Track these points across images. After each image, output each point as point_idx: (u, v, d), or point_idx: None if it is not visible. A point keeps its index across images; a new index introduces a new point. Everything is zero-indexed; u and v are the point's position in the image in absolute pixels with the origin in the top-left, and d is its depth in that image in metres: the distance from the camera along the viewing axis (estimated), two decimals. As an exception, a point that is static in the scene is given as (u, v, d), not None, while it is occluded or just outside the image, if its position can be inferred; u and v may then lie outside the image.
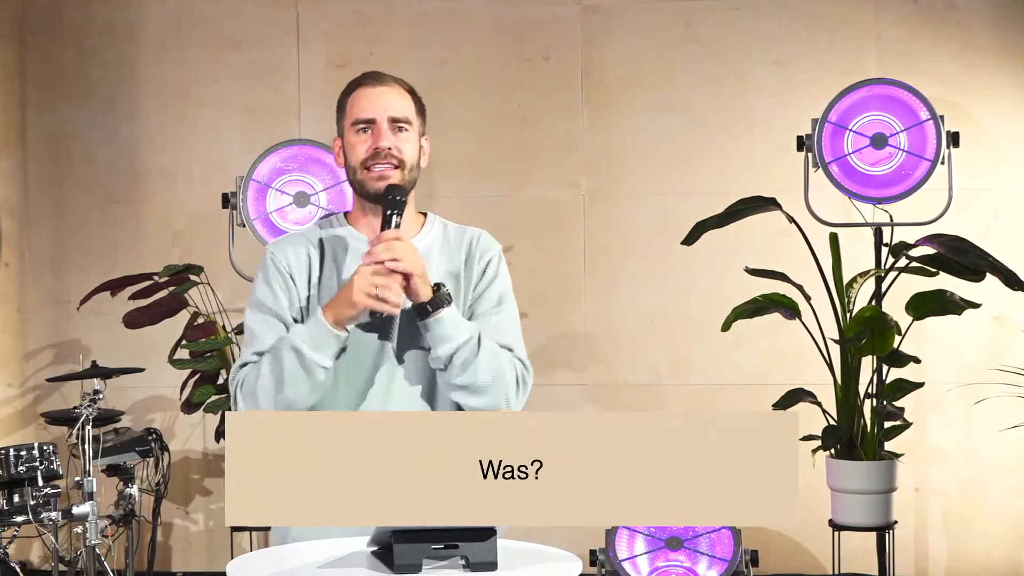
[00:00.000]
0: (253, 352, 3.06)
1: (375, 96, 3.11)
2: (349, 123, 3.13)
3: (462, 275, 3.16)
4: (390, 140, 3.07)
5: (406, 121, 3.11)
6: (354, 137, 3.11)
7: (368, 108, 3.10)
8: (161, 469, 5.93)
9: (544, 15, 6.43)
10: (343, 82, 3.30)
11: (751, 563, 5.55)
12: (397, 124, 3.10)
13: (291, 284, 3.10)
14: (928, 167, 5.51)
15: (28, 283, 6.66)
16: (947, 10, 6.22)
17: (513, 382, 3.09)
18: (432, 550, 2.62)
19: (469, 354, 3.01)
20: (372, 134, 3.09)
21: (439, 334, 3.00)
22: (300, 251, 3.14)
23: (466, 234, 3.21)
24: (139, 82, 6.60)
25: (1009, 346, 6.09)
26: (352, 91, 3.17)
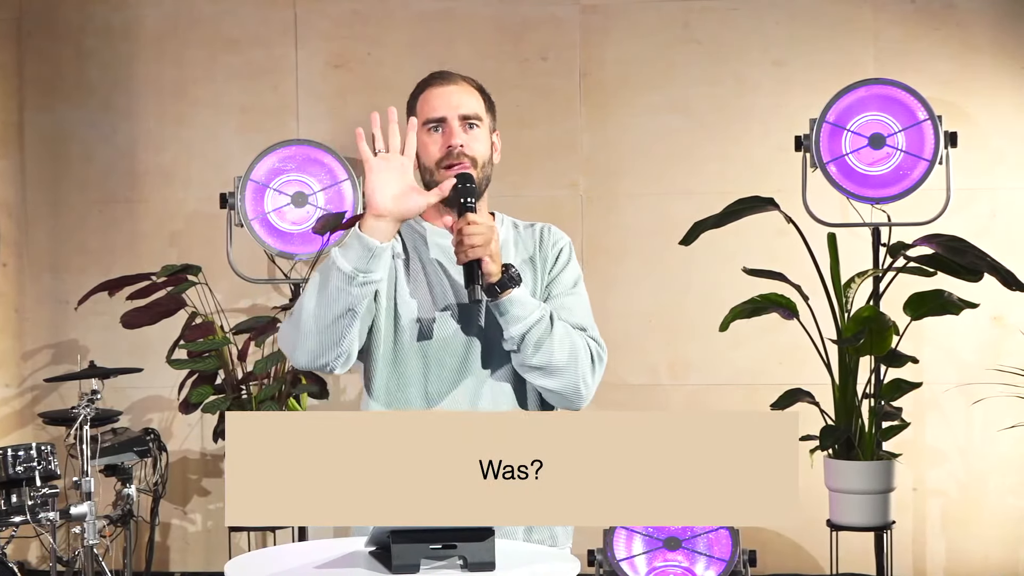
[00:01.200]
0: None
1: (445, 95, 3.09)
2: (420, 123, 3.07)
3: (537, 260, 3.16)
4: (462, 138, 3.05)
5: (476, 118, 3.09)
6: (426, 137, 3.07)
7: (439, 107, 3.08)
8: (159, 469, 5.93)
9: (542, 15, 6.43)
10: (341, 82, 3.31)
11: (749, 563, 5.55)
12: (468, 121, 3.08)
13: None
14: (926, 167, 5.51)
15: (26, 283, 6.66)
16: (945, 10, 6.23)
17: (588, 361, 3.07)
18: (430, 550, 2.62)
19: (542, 334, 2.97)
20: (444, 133, 3.06)
21: (511, 314, 2.95)
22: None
23: (535, 226, 3.24)
24: (137, 82, 6.60)
25: (1007, 346, 6.09)
26: (422, 91, 3.15)
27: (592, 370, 3.09)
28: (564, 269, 3.16)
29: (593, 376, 3.09)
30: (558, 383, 3.02)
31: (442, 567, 2.62)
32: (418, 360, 3.05)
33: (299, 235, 6.01)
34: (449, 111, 3.06)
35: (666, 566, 5.55)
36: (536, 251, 3.17)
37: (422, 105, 3.11)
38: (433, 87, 3.12)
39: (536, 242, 3.19)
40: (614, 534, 5.55)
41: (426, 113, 3.08)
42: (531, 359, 2.97)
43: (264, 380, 5.82)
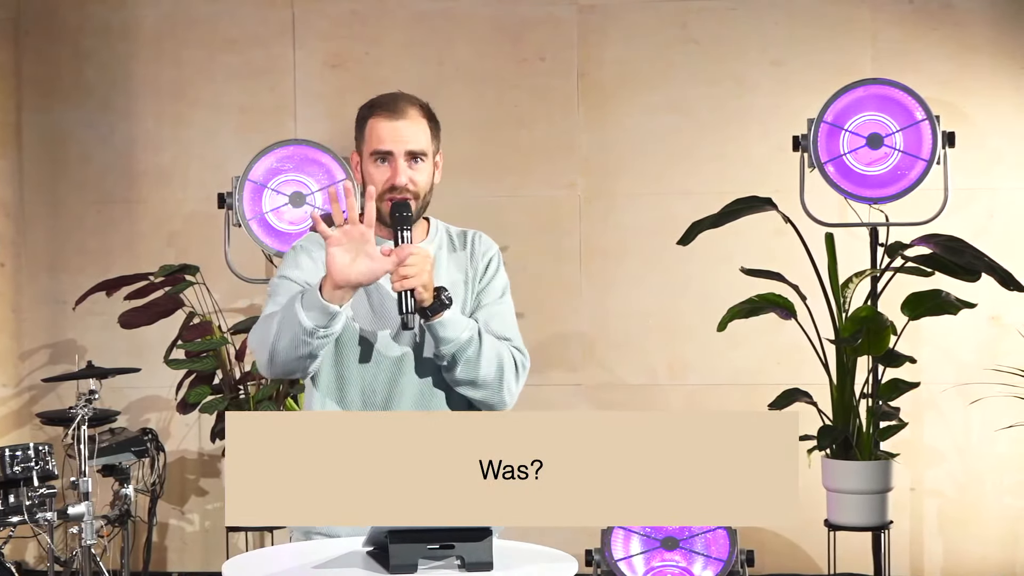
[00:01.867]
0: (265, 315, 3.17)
1: (393, 130, 3.20)
2: (368, 151, 3.23)
3: (468, 271, 3.32)
4: (406, 174, 3.20)
5: (422, 153, 3.23)
6: (372, 167, 3.22)
7: (386, 140, 3.20)
8: (157, 469, 5.92)
9: (540, 15, 6.43)
10: (339, 82, 3.34)
11: (746, 563, 5.55)
12: (414, 157, 3.22)
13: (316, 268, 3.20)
14: (924, 167, 5.51)
15: (24, 283, 6.65)
16: (943, 10, 6.23)
17: (512, 372, 3.23)
18: (428, 550, 2.62)
19: (471, 352, 3.15)
20: (390, 167, 3.20)
21: (442, 336, 3.13)
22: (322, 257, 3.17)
23: (467, 235, 3.38)
24: (135, 82, 6.60)
25: (1005, 346, 6.09)
26: (369, 117, 3.25)
27: (516, 379, 3.26)
28: (493, 279, 3.34)
29: (516, 385, 3.26)
30: (484, 394, 3.21)
31: (440, 567, 2.62)
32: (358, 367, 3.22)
33: (297, 235, 6.00)
34: (396, 146, 3.20)
35: (664, 566, 5.55)
36: (468, 262, 3.34)
37: (370, 134, 3.24)
38: (382, 119, 3.22)
39: (468, 254, 3.34)
40: (612, 534, 5.55)
41: (373, 144, 3.22)
42: (460, 375, 3.17)
43: (262, 380, 5.82)
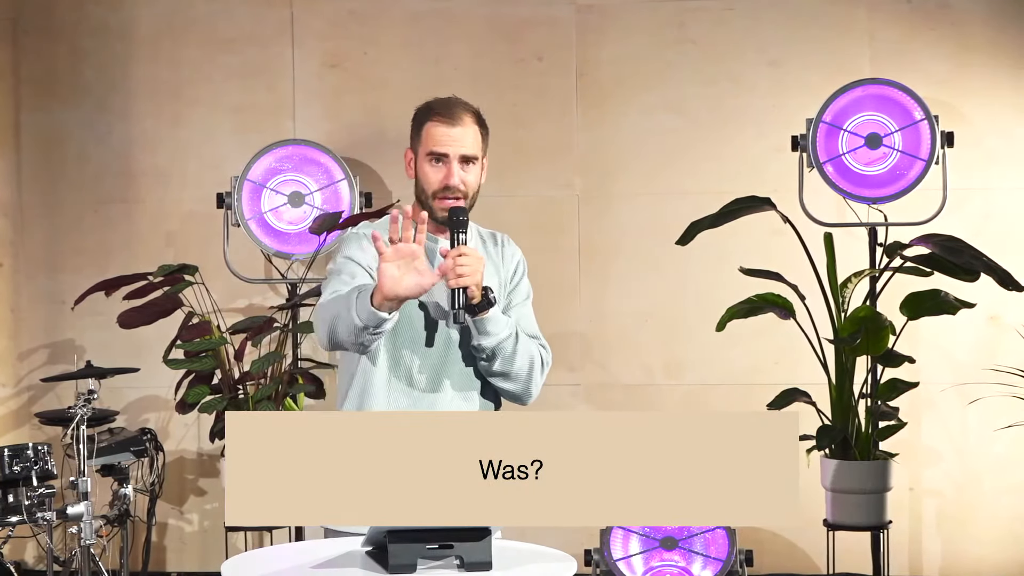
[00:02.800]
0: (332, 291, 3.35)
1: (449, 136, 3.43)
2: (424, 151, 3.46)
3: (500, 271, 3.59)
4: (459, 176, 3.43)
5: (474, 158, 3.47)
6: (428, 167, 3.45)
7: (442, 144, 3.43)
8: (156, 469, 5.92)
9: (538, 15, 6.43)
10: (337, 81, 3.36)
11: (745, 563, 5.55)
12: (467, 160, 3.45)
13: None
14: (922, 167, 5.51)
15: (22, 283, 6.65)
16: (941, 10, 6.23)
17: (539, 367, 3.48)
18: (427, 550, 2.62)
19: (509, 348, 3.38)
20: (444, 168, 3.43)
21: (486, 331, 3.34)
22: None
23: (497, 237, 3.65)
24: (133, 82, 6.59)
25: (1003, 346, 6.09)
26: (426, 121, 3.47)
27: (542, 374, 3.51)
28: (521, 281, 3.62)
29: (542, 378, 3.51)
30: (515, 386, 3.45)
31: (439, 567, 2.63)
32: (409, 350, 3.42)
33: (296, 235, 6.01)
34: (452, 149, 3.43)
35: (663, 566, 5.55)
36: (500, 263, 3.60)
37: (426, 137, 3.46)
38: (440, 124, 3.45)
39: (499, 256, 3.61)
40: (611, 534, 5.55)
41: (430, 146, 3.45)
42: (497, 367, 3.40)
43: (261, 380, 5.82)
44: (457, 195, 3.42)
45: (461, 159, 3.43)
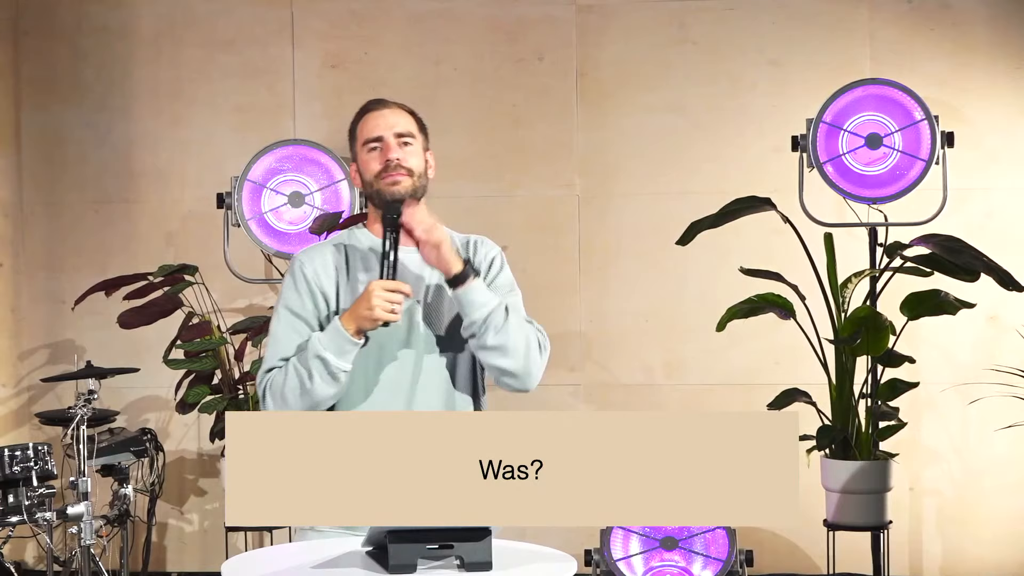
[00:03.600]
0: (279, 358, 3.33)
1: (380, 117, 3.44)
2: (361, 145, 3.45)
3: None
4: (398, 152, 3.39)
5: (410, 135, 3.43)
6: (367, 155, 3.43)
7: (376, 128, 3.42)
8: (156, 469, 5.92)
9: (538, 15, 6.43)
10: (338, 82, 3.38)
11: (746, 563, 5.55)
12: (403, 139, 3.41)
13: (318, 291, 3.36)
14: (923, 167, 5.51)
15: (22, 283, 6.65)
16: (941, 10, 6.23)
17: (537, 346, 3.38)
18: (427, 550, 2.62)
19: (500, 318, 3.30)
20: (382, 150, 3.40)
21: (472, 300, 3.29)
22: (327, 258, 3.41)
23: (469, 242, 3.54)
24: (133, 82, 6.59)
25: (1003, 346, 6.09)
26: (360, 117, 3.48)
27: (540, 355, 3.39)
28: (499, 275, 3.50)
29: (541, 360, 3.39)
30: (513, 363, 3.32)
31: (439, 567, 2.63)
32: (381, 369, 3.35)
33: (296, 235, 6.01)
34: (385, 130, 3.42)
35: (663, 566, 5.55)
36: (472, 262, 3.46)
37: (361, 129, 3.47)
38: (371, 112, 3.46)
39: (470, 256, 3.48)
40: (611, 534, 5.55)
41: (365, 134, 3.44)
42: (491, 339, 3.29)
43: (261, 380, 5.81)
44: (400, 171, 3.38)
45: (396, 136, 3.40)
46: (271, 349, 3.36)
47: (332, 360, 3.20)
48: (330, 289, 3.36)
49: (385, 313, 3.19)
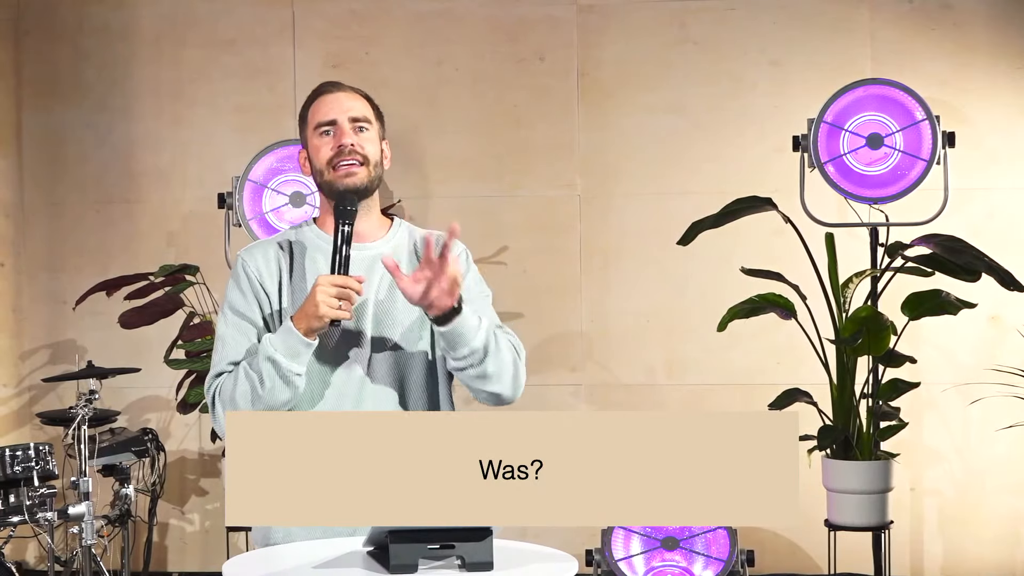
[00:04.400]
0: (228, 362, 3.13)
1: (334, 100, 3.19)
2: (312, 128, 3.20)
3: None
4: (352, 138, 3.15)
5: (366, 121, 3.20)
6: (318, 140, 3.18)
7: (329, 111, 3.18)
8: (157, 469, 5.92)
9: (539, 15, 6.43)
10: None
11: (747, 563, 5.55)
12: (358, 124, 3.18)
13: (260, 290, 3.17)
14: (924, 167, 5.51)
15: (23, 283, 6.65)
16: (942, 10, 6.23)
17: (519, 360, 3.17)
18: (428, 550, 2.62)
19: (492, 342, 3.08)
20: (335, 135, 3.17)
21: (464, 332, 3.04)
22: (270, 255, 3.21)
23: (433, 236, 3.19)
24: (134, 82, 6.59)
25: (1004, 346, 6.09)
26: (312, 100, 3.25)
27: (523, 367, 3.19)
28: (467, 274, 3.24)
29: (524, 371, 3.19)
30: (503, 386, 3.13)
31: (440, 567, 2.62)
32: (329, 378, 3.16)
33: (297, 235, 6.00)
34: (340, 114, 3.17)
35: (664, 566, 5.55)
36: None
37: (313, 112, 3.22)
38: (324, 94, 3.22)
39: None
40: (612, 534, 5.55)
41: (318, 118, 3.19)
42: (490, 367, 3.08)
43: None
44: (355, 158, 3.14)
45: (352, 121, 3.16)
46: (218, 353, 3.15)
47: (284, 363, 3.01)
48: (272, 288, 3.17)
49: (331, 310, 2.98)
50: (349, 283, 3.01)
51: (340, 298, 3.00)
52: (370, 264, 3.18)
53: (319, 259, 3.19)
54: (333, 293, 2.99)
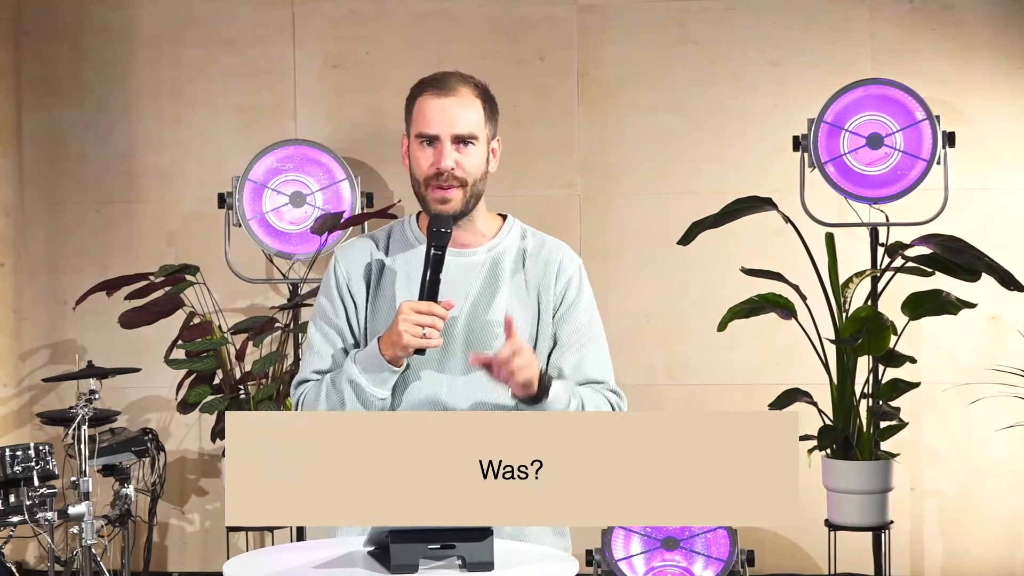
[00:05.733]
0: (313, 370, 3.09)
1: (441, 109, 3.02)
2: (414, 133, 3.04)
3: (541, 289, 3.13)
4: (452, 159, 2.98)
5: (472, 137, 3.02)
6: (418, 150, 3.03)
7: (432, 123, 3.01)
8: (157, 469, 5.92)
9: (539, 15, 6.43)
10: (339, 82, 3.31)
11: (747, 563, 5.55)
12: (462, 141, 3.01)
13: (347, 294, 3.09)
14: (924, 167, 5.51)
15: (24, 283, 6.65)
16: (942, 10, 6.23)
17: None
18: (429, 550, 2.62)
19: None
20: (435, 151, 3.00)
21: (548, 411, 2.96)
22: (363, 256, 3.12)
23: (546, 246, 3.18)
24: (134, 82, 6.59)
25: (1005, 346, 6.09)
26: (417, 96, 3.08)
27: None
28: (575, 306, 3.16)
29: None
30: None
31: (441, 567, 2.62)
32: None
33: (297, 235, 6.01)
34: (443, 129, 2.99)
35: (664, 566, 5.55)
36: (542, 280, 3.13)
37: (417, 115, 3.05)
38: (429, 96, 3.05)
39: (542, 270, 3.14)
40: (612, 534, 5.55)
41: (420, 126, 3.02)
42: None
43: (262, 380, 5.82)
44: (451, 182, 2.98)
45: (455, 139, 2.98)
46: (306, 357, 3.11)
47: (367, 387, 2.95)
48: (359, 292, 3.08)
49: (414, 339, 2.87)
50: (434, 309, 2.89)
51: (424, 325, 2.88)
52: (467, 272, 3.07)
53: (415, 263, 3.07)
54: (416, 320, 2.88)
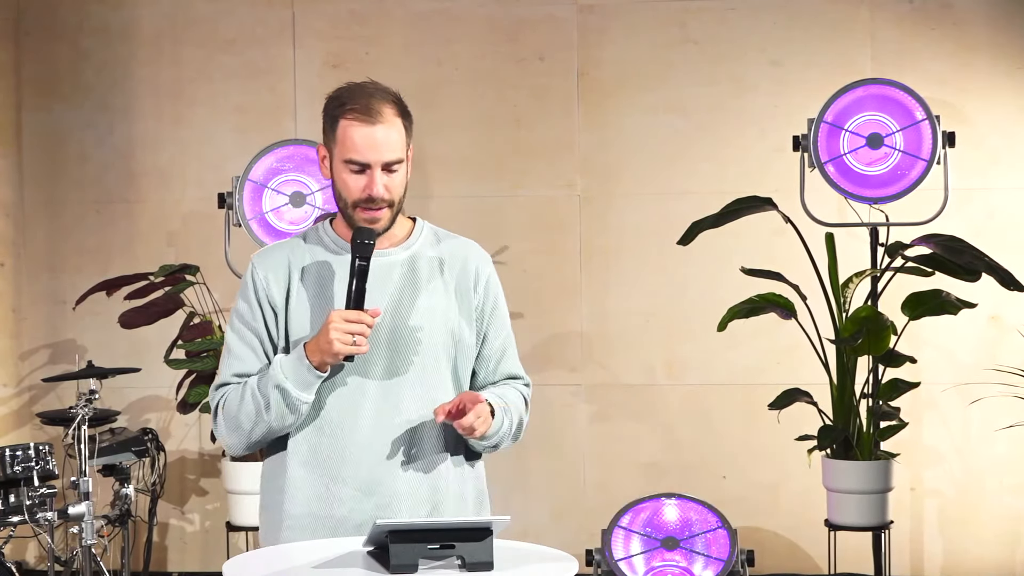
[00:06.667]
0: (233, 373, 3.07)
1: (368, 138, 3.03)
2: (341, 157, 3.06)
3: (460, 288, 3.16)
4: (382, 184, 3.03)
5: (398, 161, 3.06)
6: (346, 174, 3.05)
7: (361, 151, 3.03)
8: (157, 469, 5.92)
9: (539, 15, 6.43)
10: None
11: (747, 563, 5.54)
12: (390, 168, 3.05)
13: (266, 299, 3.07)
14: (924, 167, 5.51)
15: (23, 283, 6.65)
16: (942, 10, 6.23)
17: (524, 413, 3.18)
18: (428, 550, 2.62)
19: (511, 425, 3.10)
20: (367, 177, 3.02)
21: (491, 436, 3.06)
22: (280, 261, 3.12)
23: (459, 247, 3.20)
24: (134, 82, 6.59)
25: (1005, 346, 6.09)
26: (340, 118, 3.10)
27: (527, 417, 3.19)
28: (496, 305, 3.22)
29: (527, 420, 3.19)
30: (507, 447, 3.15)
31: (440, 567, 2.62)
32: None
33: (297, 235, 6.00)
34: (372, 157, 3.02)
35: (664, 566, 5.55)
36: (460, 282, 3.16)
37: (344, 139, 3.06)
38: (357, 124, 3.05)
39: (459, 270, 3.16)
40: (612, 534, 5.55)
41: (348, 152, 3.03)
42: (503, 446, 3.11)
43: (262, 380, 5.81)
44: (380, 205, 3.01)
45: (384, 167, 3.02)
46: (225, 361, 3.09)
47: (293, 392, 2.94)
48: (279, 297, 3.07)
49: (344, 347, 2.89)
50: (363, 318, 2.92)
51: (354, 333, 2.90)
52: (388, 270, 3.09)
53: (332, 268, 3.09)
54: (346, 329, 2.90)
